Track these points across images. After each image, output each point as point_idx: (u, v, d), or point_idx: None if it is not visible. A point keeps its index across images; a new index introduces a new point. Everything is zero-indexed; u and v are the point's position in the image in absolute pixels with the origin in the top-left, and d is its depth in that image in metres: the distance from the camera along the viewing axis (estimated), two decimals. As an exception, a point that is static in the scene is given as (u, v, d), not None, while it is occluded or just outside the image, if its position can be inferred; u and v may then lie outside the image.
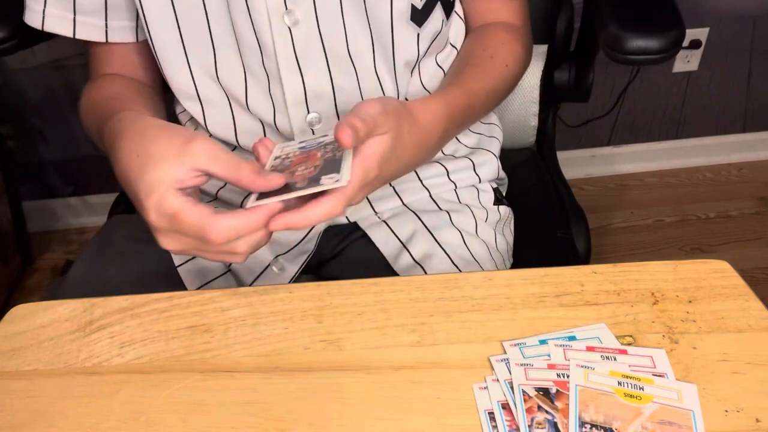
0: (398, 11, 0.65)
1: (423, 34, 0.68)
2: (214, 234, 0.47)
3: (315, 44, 0.64)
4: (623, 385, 0.44)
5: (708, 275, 0.53)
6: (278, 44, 0.63)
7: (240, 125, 0.71)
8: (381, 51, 0.67)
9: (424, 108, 0.59)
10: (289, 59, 0.64)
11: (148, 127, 0.52)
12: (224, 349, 0.50)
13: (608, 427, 0.42)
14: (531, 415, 0.43)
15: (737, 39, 1.62)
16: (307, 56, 0.64)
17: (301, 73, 0.65)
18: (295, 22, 0.63)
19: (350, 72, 0.67)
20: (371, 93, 0.68)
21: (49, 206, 1.72)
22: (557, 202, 0.90)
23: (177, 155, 0.48)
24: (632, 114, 1.73)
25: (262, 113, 0.68)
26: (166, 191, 0.47)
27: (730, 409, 0.44)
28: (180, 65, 0.67)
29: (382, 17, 0.65)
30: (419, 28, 0.67)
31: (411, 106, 0.58)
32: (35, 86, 1.50)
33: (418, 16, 0.67)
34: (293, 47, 0.64)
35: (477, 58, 0.69)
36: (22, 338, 0.51)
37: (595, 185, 1.80)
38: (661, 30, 0.66)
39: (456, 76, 0.68)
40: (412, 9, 0.66)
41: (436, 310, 0.52)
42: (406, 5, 0.65)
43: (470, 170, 0.76)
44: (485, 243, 0.72)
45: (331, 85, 0.66)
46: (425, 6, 0.67)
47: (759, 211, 1.71)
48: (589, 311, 0.51)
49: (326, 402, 0.46)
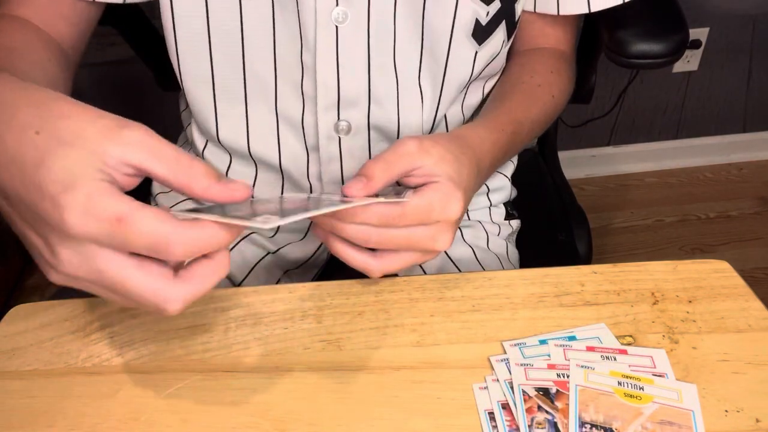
0: (460, 23, 0.61)
1: (481, 53, 0.64)
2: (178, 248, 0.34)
3: (360, 46, 0.60)
4: (623, 385, 0.44)
5: (708, 275, 0.53)
6: (320, 39, 0.58)
7: (254, 124, 0.65)
8: (431, 64, 0.63)
9: (473, 134, 0.56)
10: (330, 57, 0.59)
11: (54, 99, 0.37)
12: (224, 349, 0.50)
13: (608, 427, 0.42)
14: (531, 415, 0.43)
15: (737, 39, 1.62)
16: (348, 57, 0.60)
17: (338, 75, 0.60)
18: (343, 19, 0.58)
19: (391, 81, 0.63)
20: (409, 108, 0.64)
21: (49, 206, 1.72)
22: (558, 204, 0.90)
23: (103, 140, 0.34)
24: (632, 114, 1.73)
25: (289, 110, 0.64)
26: (98, 185, 0.33)
27: (730, 409, 0.44)
28: (200, 50, 0.61)
29: (440, 27, 0.61)
30: (478, 46, 0.63)
31: (461, 133, 0.54)
32: (35, 86, 1.50)
33: (480, 32, 0.62)
34: (336, 45, 0.59)
35: (525, 85, 0.66)
36: (22, 338, 0.51)
37: (595, 185, 1.80)
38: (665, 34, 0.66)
39: (502, 102, 0.64)
40: (475, 23, 0.61)
41: (436, 310, 0.52)
42: (471, 18, 0.61)
43: (484, 195, 0.74)
44: (497, 256, 0.72)
45: (368, 93, 0.62)
46: (490, 22, 0.62)
47: (759, 211, 1.71)
48: (589, 311, 0.51)
49: (326, 402, 0.46)
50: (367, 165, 0.47)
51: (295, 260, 0.72)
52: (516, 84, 0.66)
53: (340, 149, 0.65)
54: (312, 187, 0.68)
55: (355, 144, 0.65)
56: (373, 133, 0.65)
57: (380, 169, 0.46)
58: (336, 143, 0.64)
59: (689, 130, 1.78)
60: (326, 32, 0.58)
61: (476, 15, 0.61)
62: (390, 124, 0.64)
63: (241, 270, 0.70)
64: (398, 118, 0.64)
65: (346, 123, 0.63)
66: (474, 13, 0.61)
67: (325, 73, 0.60)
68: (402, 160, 0.47)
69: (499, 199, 0.76)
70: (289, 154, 0.66)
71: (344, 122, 0.63)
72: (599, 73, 0.86)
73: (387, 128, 0.65)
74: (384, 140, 0.66)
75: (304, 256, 0.72)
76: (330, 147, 0.64)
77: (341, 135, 0.64)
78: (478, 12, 0.61)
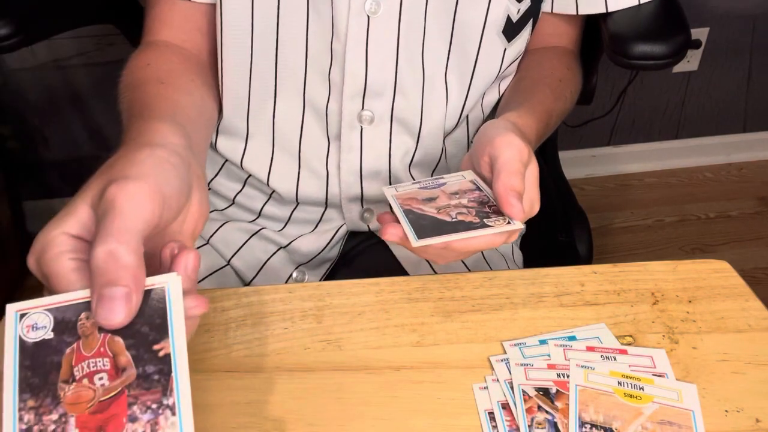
0: (492, 19, 0.62)
1: (509, 50, 0.65)
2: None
3: (390, 37, 0.61)
4: (623, 385, 0.44)
5: (708, 275, 0.53)
6: (352, 28, 0.59)
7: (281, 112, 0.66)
8: (459, 59, 0.64)
9: (524, 124, 0.57)
10: (359, 47, 0.60)
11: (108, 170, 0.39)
12: (224, 349, 0.49)
13: (608, 427, 0.42)
14: (531, 415, 0.43)
15: (737, 39, 1.62)
16: (378, 47, 0.61)
17: (366, 64, 0.61)
18: (375, 10, 0.59)
19: (418, 74, 0.63)
20: (433, 102, 0.65)
21: (49, 206, 1.72)
22: (559, 205, 0.90)
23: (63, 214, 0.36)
24: (632, 114, 1.73)
25: (316, 97, 0.65)
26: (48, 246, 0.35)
27: (730, 409, 0.44)
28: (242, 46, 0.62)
29: (471, 23, 0.62)
30: (507, 43, 0.64)
31: (515, 125, 0.55)
32: (35, 86, 1.50)
33: (510, 29, 0.63)
34: (366, 35, 0.60)
35: (549, 80, 0.67)
36: (22, 338, 0.51)
37: (595, 185, 1.80)
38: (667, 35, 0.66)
39: (533, 93, 0.64)
40: (506, 20, 0.62)
41: (436, 310, 0.52)
42: (503, 14, 0.62)
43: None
44: (503, 256, 0.72)
45: (394, 84, 0.63)
46: (520, 20, 0.63)
47: (759, 211, 1.71)
48: (589, 311, 0.51)
49: (326, 402, 0.45)
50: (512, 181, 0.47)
51: (307, 253, 0.72)
52: (541, 78, 0.67)
53: (361, 139, 0.66)
54: (329, 176, 0.68)
55: (377, 135, 0.66)
56: (395, 125, 0.66)
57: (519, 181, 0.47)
58: (358, 133, 0.65)
59: (689, 130, 1.78)
60: (358, 21, 0.59)
61: (508, 12, 0.62)
62: (413, 117, 0.65)
63: (251, 267, 0.70)
64: (422, 111, 0.65)
65: (369, 113, 0.64)
66: (506, 9, 0.62)
67: (353, 62, 0.61)
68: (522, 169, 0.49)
69: None
70: (310, 141, 0.67)
71: (368, 112, 0.64)
72: (599, 73, 0.86)
73: (409, 121, 0.66)
74: (405, 133, 0.67)
75: (317, 248, 0.72)
76: (351, 136, 0.65)
77: (363, 125, 0.65)
78: (510, 9, 0.62)
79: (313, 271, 0.72)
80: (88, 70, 1.48)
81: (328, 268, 0.73)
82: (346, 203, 0.70)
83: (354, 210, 0.71)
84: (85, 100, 1.53)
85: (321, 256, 0.72)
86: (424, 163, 0.69)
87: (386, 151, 0.67)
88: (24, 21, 0.71)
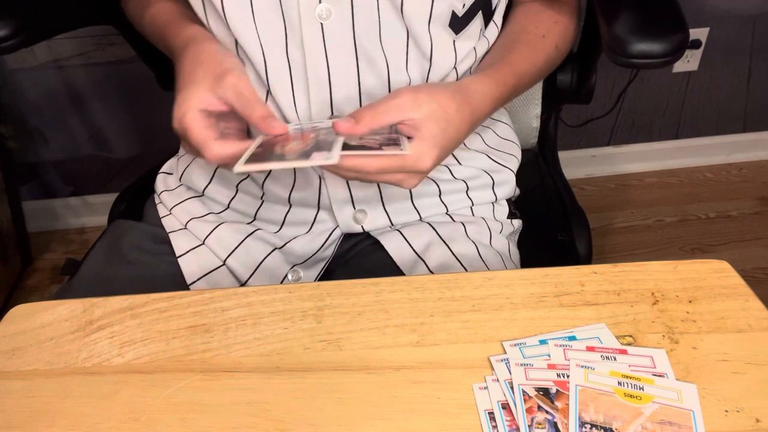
0: (436, 14, 0.62)
1: (459, 42, 0.65)
2: (208, 154, 0.55)
3: (346, 41, 0.61)
4: (623, 385, 0.44)
5: (708, 275, 0.53)
6: (307, 36, 0.60)
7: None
8: (416, 54, 0.64)
9: (476, 89, 0.60)
10: (319, 56, 0.61)
11: (201, 52, 0.60)
12: (224, 349, 0.50)
13: (608, 427, 0.42)
14: (531, 415, 0.43)
15: (737, 39, 1.62)
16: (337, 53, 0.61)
17: (329, 73, 0.62)
18: (327, 16, 0.60)
19: (382, 72, 0.64)
20: None
21: (49, 206, 1.72)
22: (558, 205, 0.90)
23: (210, 84, 0.56)
24: (632, 114, 1.73)
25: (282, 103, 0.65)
26: (189, 109, 0.56)
27: (730, 409, 0.44)
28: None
29: (418, 17, 0.62)
30: (455, 35, 0.65)
31: (466, 86, 0.59)
32: (35, 86, 1.50)
33: (457, 23, 0.65)
34: (324, 44, 0.61)
35: (528, 35, 0.67)
36: (22, 338, 0.51)
37: (595, 185, 1.80)
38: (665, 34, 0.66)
39: (507, 54, 0.66)
40: (452, 14, 0.64)
41: (436, 310, 0.52)
42: (447, 10, 0.63)
43: (489, 189, 0.75)
44: (499, 254, 0.72)
45: (358, 88, 0.64)
46: (466, 13, 0.65)
47: (759, 211, 1.71)
48: (589, 311, 0.51)
49: (326, 402, 0.46)
50: (361, 110, 0.55)
51: (302, 254, 0.72)
52: (520, 34, 0.68)
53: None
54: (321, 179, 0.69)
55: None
56: None
57: (369, 116, 0.54)
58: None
59: (689, 130, 1.78)
60: (312, 30, 0.60)
61: (452, 7, 0.63)
62: None
63: (247, 267, 0.70)
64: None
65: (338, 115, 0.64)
66: (450, 5, 0.63)
67: (315, 73, 0.62)
68: (392, 112, 0.55)
69: (504, 194, 0.76)
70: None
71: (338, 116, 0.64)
72: (599, 73, 0.86)
73: None
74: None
75: (312, 249, 0.72)
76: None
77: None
78: (454, 4, 0.63)
79: (308, 271, 0.72)
80: (88, 70, 1.48)
81: (323, 267, 0.73)
82: (337, 205, 0.70)
83: (347, 212, 0.70)
84: (85, 100, 1.53)
85: (316, 257, 0.72)
86: None
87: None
88: (24, 22, 0.71)
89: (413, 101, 0.55)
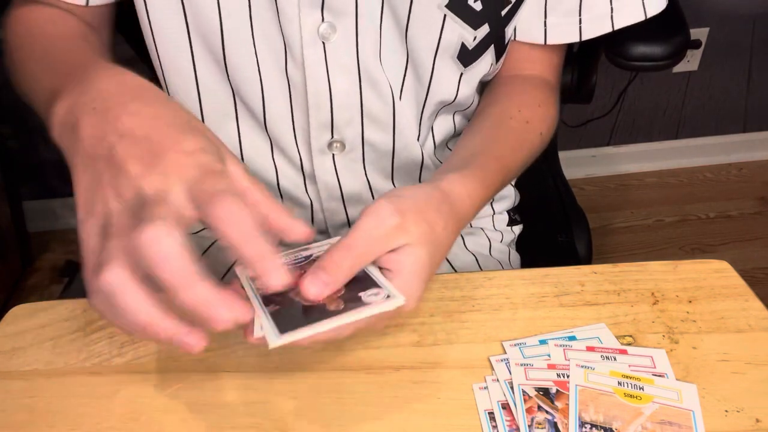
0: (445, 45, 0.58)
1: (466, 75, 0.61)
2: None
3: (350, 62, 0.57)
4: (623, 385, 0.44)
5: (708, 275, 0.53)
6: (308, 58, 0.56)
7: (247, 146, 0.63)
8: (414, 82, 0.60)
9: (461, 194, 0.50)
10: (320, 77, 0.57)
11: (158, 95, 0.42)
12: (224, 349, 0.49)
13: (608, 427, 0.42)
14: (531, 415, 0.43)
15: (737, 39, 1.62)
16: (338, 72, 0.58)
17: (331, 95, 0.58)
18: (329, 36, 0.55)
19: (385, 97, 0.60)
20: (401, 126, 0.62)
21: (49, 206, 1.72)
22: (558, 205, 0.90)
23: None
24: (632, 114, 1.73)
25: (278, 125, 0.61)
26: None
27: (730, 409, 0.44)
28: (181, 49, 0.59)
29: (423, 46, 0.58)
30: (464, 68, 0.60)
31: (450, 191, 0.49)
32: (35, 86, 1.50)
33: (466, 55, 0.59)
34: (326, 64, 0.57)
35: (513, 121, 0.61)
36: (22, 338, 0.51)
37: (595, 185, 1.80)
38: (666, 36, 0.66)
39: (492, 143, 0.58)
40: (461, 46, 0.58)
41: (436, 310, 0.52)
42: (456, 41, 0.58)
43: (488, 204, 0.73)
44: (499, 262, 0.72)
45: (360, 109, 0.60)
46: (477, 46, 0.59)
47: (759, 211, 1.71)
48: (589, 311, 0.51)
49: (326, 402, 0.45)
50: (331, 253, 0.40)
51: None
52: (504, 120, 0.61)
53: (335, 167, 0.63)
54: (313, 204, 0.67)
55: (351, 159, 0.63)
56: (368, 149, 0.63)
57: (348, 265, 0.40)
58: (330, 160, 0.63)
59: (689, 130, 1.79)
60: (314, 51, 0.56)
61: (462, 39, 0.58)
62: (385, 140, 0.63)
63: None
64: (393, 133, 0.63)
65: (339, 143, 0.62)
66: (460, 37, 0.58)
67: (316, 95, 0.58)
68: (374, 248, 0.42)
69: (504, 207, 0.76)
70: (285, 173, 0.66)
71: (337, 142, 0.61)
72: (599, 73, 0.86)
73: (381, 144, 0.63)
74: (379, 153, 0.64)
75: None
76: (325, 164, 0.63)
77: (334, 153, 0.62)
78: (465, 36, 0.58)
79: None
80: None
81: None
82: (333, 231, 0.69)
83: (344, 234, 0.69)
84: (85, 100, 1.53)
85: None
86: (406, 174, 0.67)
87: (362, 172, 0.65)
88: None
89: (399, 227, 0.42)
